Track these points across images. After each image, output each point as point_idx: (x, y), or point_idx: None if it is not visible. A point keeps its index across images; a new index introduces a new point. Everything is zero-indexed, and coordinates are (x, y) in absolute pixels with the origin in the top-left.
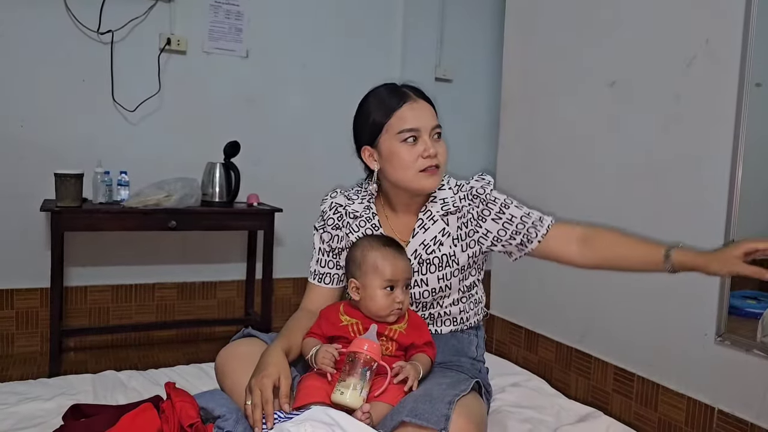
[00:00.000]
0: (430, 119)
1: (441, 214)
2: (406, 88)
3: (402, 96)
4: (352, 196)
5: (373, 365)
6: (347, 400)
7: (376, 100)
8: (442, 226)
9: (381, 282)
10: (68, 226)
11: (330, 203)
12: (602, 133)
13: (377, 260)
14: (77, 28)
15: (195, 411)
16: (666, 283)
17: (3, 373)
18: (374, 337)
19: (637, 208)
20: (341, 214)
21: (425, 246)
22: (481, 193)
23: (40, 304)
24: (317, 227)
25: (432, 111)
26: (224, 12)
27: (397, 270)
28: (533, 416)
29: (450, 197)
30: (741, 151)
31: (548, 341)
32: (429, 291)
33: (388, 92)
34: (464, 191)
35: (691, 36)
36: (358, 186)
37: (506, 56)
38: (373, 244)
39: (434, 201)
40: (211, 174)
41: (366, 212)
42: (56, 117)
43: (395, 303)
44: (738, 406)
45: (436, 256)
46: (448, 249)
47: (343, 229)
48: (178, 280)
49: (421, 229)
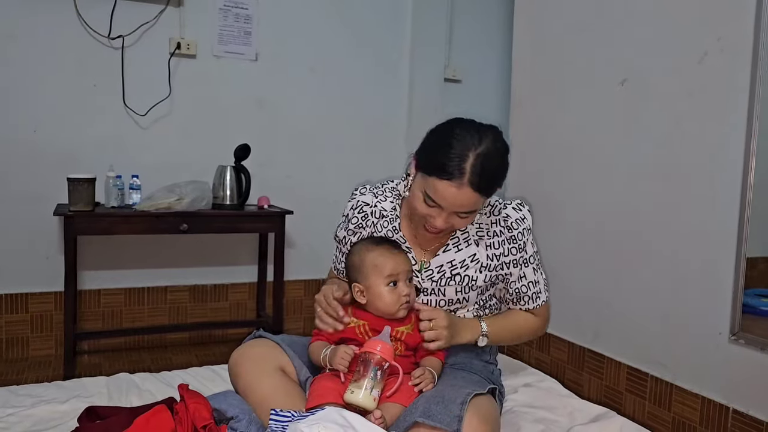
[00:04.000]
0: (460, 206)
1: (475, 239)
2: (474, 163)
3: (452, 173)
4: (384, 194)
5: (384, 365)
6: (360, 400)
7: (440, 145)
8: (474, 251)
9: (383, 279)
10: (81, 230)
11: (356, 201)
12: (614, 131)
13: (376, 259)
14: (88, 33)
15: (208, 412)
16: (679, 282)
17: (18, 377)
18: (387, 339)
19: (649, 205)
20: (366, 214)
21: (452, 266)
22: (519, 238)
23: (54, 307)
24: (340, 226)
25: (472, 200)
26: (233, 15)
27: (397, 264)
28: (546, 416)
29: (484, 222)
30: (754, 147)
31: (561, 341)
32: (446, 301)
33: (450, 152)
34: (497, 216)
35: (702, 32)
36: (394, 183)
37: (516, 56)
38: (367, 245)
39: (472, 224)
40: (221, 177)
41: (392, 213)
42: (68, 122)
43: (402, 297)
44: (753, 405)
45: (458, 274)
46: (472, 272)
47: (367, 229)
48: (190, 282)
49: (455, 248)
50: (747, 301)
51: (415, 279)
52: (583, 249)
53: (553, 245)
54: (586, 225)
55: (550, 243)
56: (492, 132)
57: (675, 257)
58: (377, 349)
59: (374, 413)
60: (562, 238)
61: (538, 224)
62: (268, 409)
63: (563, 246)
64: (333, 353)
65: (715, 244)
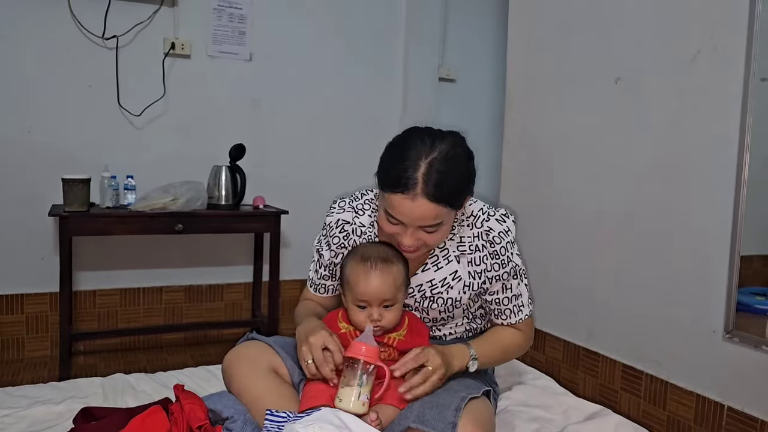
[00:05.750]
0: (419, 219)
1: (456, 255)
2: (425, 171)
3: (404, 184)
4: (362, 207)
5: (369, 368)
6: (350, 408)
7: (391, 159)
8: (455, 268)
9: (353, 299)
10: (76, 231)
11: (337, 219)
12: (607, 130)
13: (351, 275)
14: (82, 34)
15: (203, 413)
16: (673, 280)
17: (14, 378)
18: (371, 339)
19: (643, 203)
20: (347, 233)
21: (432, 286)
22: (502, 253)
23: (50, 308)
24: (321, 240)
25: (430, 212)
26: (228, 15)
27: (368, 291)
28: (541, 415)
29: (467, 237)
30: (747, 146)
31: (556, 340)
32: (430, 319)
33: (401, 165)
34: (479, 228)
35: (695, 31)
36: (372, 194)
37: (510, 55)
38: (356, 255)
39: (452, 238)
40: (217, 177)
41: (369, 229)
42: (63, 122)
43: (372, 321)
44: (748, 402)
45: (441, 297)
46: (455, 294)
47: (349, 248)
48: (186, 283)
49: (434, 266)
50: (741, 299)
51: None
52: (577, 247)
53: (547, 243)
54: (580, 223)
55: (545, 242)
56: (450, 138)
57: (669, 255)
58: (362, 351)
59: (370, 415)
60: (556, 237)
61: (532, 223)
62: (262, 410)
63: (558, 244)
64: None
65: (710, 242)
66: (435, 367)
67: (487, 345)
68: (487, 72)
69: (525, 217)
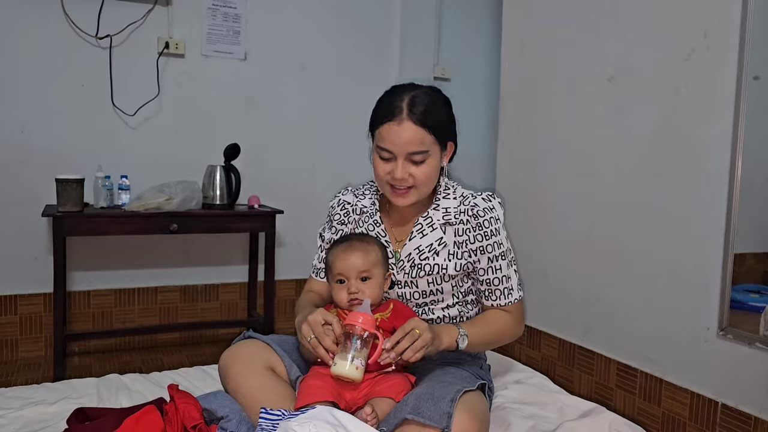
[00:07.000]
0: (406, 144)
1: (441, 223)
2: (408, 100)
3: (391, 113)
4: (363, 192)
5: (364, 335)
6: (345, 371)
7: (380, 102)
8: (440, 235)
9: (333, 277)
10: (70, 231)
11: (338, 200)
12: (602, 128)
13: (329, 258)
14: (76, 33)
15: (198, 412)
16: (667, 278)
17: (8, 379)
18: (368, 310)
19: (638, 201)
20: (348, 211)
21: (420, 252)
22: (486, 226)
23: (44, 309)
24: (324, 225)
25: (415, 135)
26: (222, 15)
27: (346, 265)
28: (536, 412)
29: (453, 208)
30: (740, 144)
31: (551, 338)
32: (420, 293)
33: (387, 101)
34: (467, 205)
35: (689, 29)
36: (371, 181)
37: (504, 54)
38: (335, 244)
39: (437, 208)
40: (211, 177)
41: (371, 207)
42: (56, 122)
43: (349, 294)
44: (741, 399)
45: (428, 264)
46: (441, 260)
47: (349, 225)
48: (181, 283)
49: (419, 234)
50: (735, 296)
51: (393, 271)
52: (572, 246)
53: (542, 242)
54: (575, 221)
55: (540, 240)
56: (429, 86)
57: (663, 253)
58: (359, 321)
59: (365, 409)
60: (551, 235)
61: (527, 221)
62: (257, 409)
63: (552, 243)
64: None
65: (704, 239)
66: (421, 330)
67: (476, 325)
68: (481, 71)
69: (520, 215)
